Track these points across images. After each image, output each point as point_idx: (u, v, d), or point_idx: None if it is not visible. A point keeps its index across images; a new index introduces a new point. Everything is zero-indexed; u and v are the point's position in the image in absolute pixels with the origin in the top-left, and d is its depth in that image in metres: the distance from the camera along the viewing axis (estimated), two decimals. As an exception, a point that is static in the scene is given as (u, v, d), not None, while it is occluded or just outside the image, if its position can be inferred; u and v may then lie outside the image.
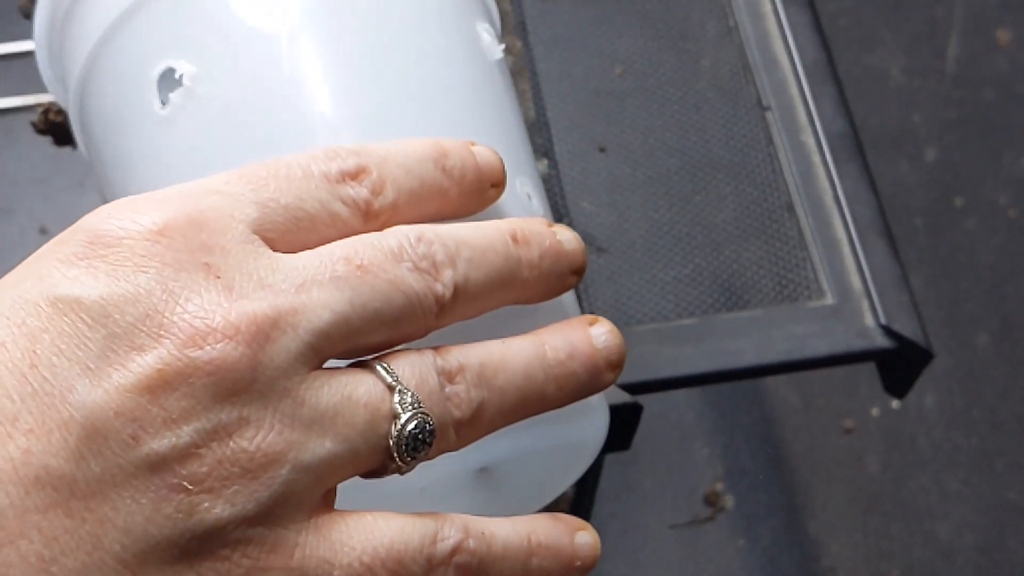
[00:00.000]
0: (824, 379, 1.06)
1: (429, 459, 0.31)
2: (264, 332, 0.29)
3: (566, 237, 0.36)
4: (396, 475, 0.31)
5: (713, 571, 0.98)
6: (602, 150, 0.59)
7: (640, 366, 0.52)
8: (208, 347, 0.28)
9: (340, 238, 0.32)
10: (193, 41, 0.38)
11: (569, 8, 0.63)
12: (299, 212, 0.31)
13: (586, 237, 0.57)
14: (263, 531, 0.28)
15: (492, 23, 0.45)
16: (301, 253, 0.31)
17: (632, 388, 0.52)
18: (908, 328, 0.54)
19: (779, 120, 0.59)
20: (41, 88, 0.46)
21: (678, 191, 0.58)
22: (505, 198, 0.37)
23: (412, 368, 0.31)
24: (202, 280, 0.29)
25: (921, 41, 1.22)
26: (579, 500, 0.70)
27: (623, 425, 0.52)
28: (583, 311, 0.54)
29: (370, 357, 0.31)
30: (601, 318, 0.36)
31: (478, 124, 0.39)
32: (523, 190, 0.39)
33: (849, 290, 0.55)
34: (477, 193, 0.35)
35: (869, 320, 0.54)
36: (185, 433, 0.27)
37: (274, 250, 0.31)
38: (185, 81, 0.37)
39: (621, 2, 0.63)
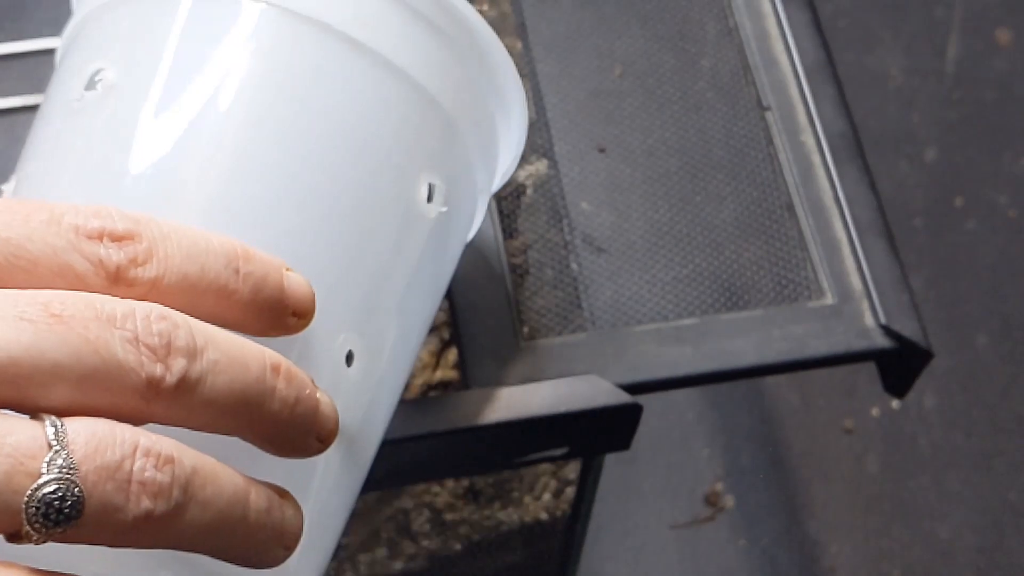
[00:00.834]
0: (824, 379, 1.06)
1: (82, 540, 0.29)
2: None
3: (326, 402, 0.34)
4: (32, 546, 0.28)
5: (713, 571, 0.98)
6: (602, 150, 0.59)
7: (640, 366, 0.52)
8: None
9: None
10: (130, 54, 0.38)
11: (569, 9, 0.63)
12: (19, 250, 0.30)
13: (586, 237, 0.57)
14: None
15: (458, 180, 0.43)
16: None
17: (632, 388, 0.52)
18: (908, 328, 0.54)
19: (779, 120, 0.59)
20: (41, 88, 0.47)
21: (678, 191, 0.58)
22: (313, 344, 0.36)
23: (93, 435, 0.29)
24: None
25: (921, 41, 1.22)
26: (579, 500, 0.70)
27: (623, 425, 0.52)
28: (583, 311, 0.54)
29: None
30: (294, 499, 0.34)
31: (328, 259, 0.38)
32: (344, 346, 0.37)
33: (849, 290, 0.55)
34: (271, 313, 0.34)
35: (869, 320, 0.54)
36: None
37: None
38: (100, 87, 0.37)
39: (621, 2, 0.63)
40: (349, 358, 0.38)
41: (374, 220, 0.39)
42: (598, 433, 0.52)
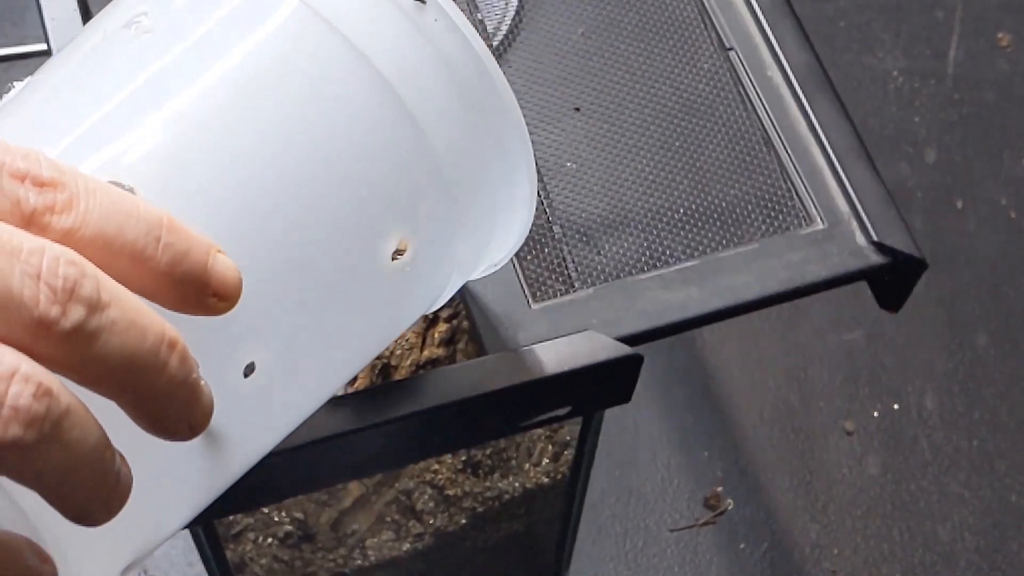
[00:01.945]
0: (824, 380, 1.05)
1: None
2: None
3: (207, 393, 0.33)
4: None
5: (713, 574, 0.98)
6: (577, 109, 0.59)
7: (651, 313, 0.53)
8: None
9: None
10: (171, 11, 0.38)
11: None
12: None
13: (577, 193, 0.57)
14: None
15: (435, 249, 0.42)
16: None
17: (646, 335, 0.53)
18: (900, 242, 0.55)
19: (743, 59, 0.60)
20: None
21: (658, 139, 0.59)
22: (214, 336, 0.35)
23: None
24: None
25: (921, 43, 1.22)
26: (579, 459, 0.70)
27: (624, 378, 0.53)
28: (587, 267, 0.54)
29: None
30: (128, 467, 0.33)
31: (264, 264, 0.37)
32: (247, 355, 0.37)
33: (837, 213, 0.56)
34: (189, 288, 0.33)
35: (861, 239, 0.56)
36: None
37: None
38: (135, 29, 0.38)
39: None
40: (249, 369, 0.37)
41: (327, 250, 0.39)
42: (600, 388, 0.53)
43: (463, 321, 0.67)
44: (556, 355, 0.50)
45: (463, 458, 0.71)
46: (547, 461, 0.73)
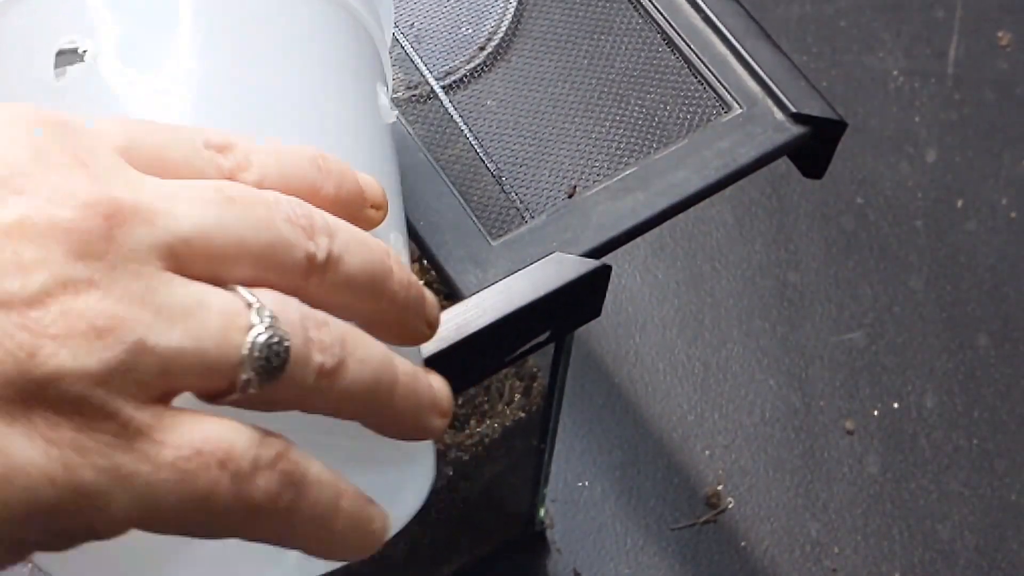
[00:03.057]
0: (825, 380, 1.06)
1: (281, 397, 0.31)
2: (123, 214, 0.29)
3: (427, 290, 0.36)
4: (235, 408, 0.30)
5: (714, 572, 0.98)
6: (481, 48, 0.61)
7: (607, 224, 0.55)
8: (68, 209, 0.28)
9: None
10: (93, 21, 0.38)
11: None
12: (164, 154, 0.32)
13: (501, 128, 0.59)
14: (101, 394, 0.28)
15: (388, 88, 0.45)
16: (169, 179, 0.31)
17: (607, 246, 0.54)
18: (817, 108, 0.57)
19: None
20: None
21: (566, 63, 0.61)
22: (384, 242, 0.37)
23: (274, 299, 0.31)
24: (69, 164, 0.30)
25: (921, 42, 1.22)
26: (552, 385, 0.71)
27: (595, 291, 0.54)
28: (535, 194, 0.55)
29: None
30: (438, 374, 0.36)
31: (367, 168, 0.39)
32: (396, 244, 0.39)
33: (752, 95, 0.59)
34: (355, 206, 0.35)
35: (779, 115, 0.58)
36: (36, 280, 0.28)
37: None
38: (87, 58, 0.37)
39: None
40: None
41: (377, 131, 0.41)
42: (575, 306, 0.54)
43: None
44: (531, 282, 0.52)
45: (437, 414, 0.73)
46: (519, 397, 0.74)
